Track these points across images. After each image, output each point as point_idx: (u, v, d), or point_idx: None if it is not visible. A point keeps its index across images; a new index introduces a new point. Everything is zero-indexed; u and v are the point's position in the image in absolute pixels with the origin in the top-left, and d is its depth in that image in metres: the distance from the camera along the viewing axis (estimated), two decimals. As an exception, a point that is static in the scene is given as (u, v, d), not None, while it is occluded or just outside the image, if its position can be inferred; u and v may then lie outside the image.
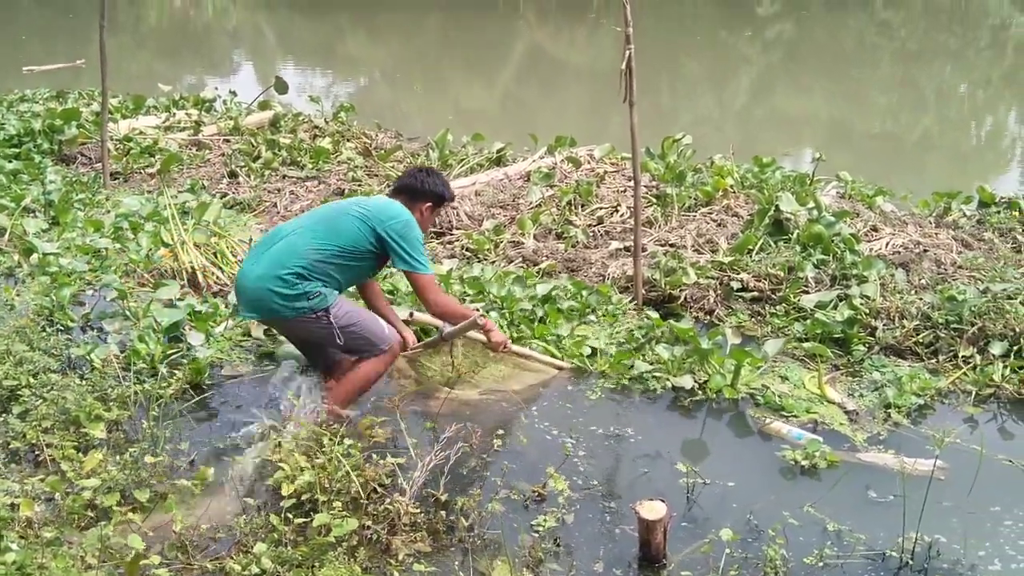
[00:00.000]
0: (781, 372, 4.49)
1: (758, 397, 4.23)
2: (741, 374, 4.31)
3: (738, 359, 4.31)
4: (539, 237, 6.38)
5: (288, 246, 3.91)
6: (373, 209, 4.00)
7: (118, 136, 8.61)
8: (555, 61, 19.10)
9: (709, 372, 4.40)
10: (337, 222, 3.97)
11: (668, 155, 7.68)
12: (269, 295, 3.86)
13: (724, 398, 4.23)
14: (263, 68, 17.34)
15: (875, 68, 17.04)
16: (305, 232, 3.95)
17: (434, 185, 4.17)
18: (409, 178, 4.22)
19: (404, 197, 4.15)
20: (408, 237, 3.96)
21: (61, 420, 3.71)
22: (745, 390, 4.29)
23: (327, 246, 3.90)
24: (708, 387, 4.28)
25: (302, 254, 3.87)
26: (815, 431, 3.96)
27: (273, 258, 3.89)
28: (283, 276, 3.84)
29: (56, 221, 6.38)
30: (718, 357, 4.42)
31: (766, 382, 4.36)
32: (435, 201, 4.20)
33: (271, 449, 3.55)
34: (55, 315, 4.78)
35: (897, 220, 6.48)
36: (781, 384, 4.37)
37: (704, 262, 5.63)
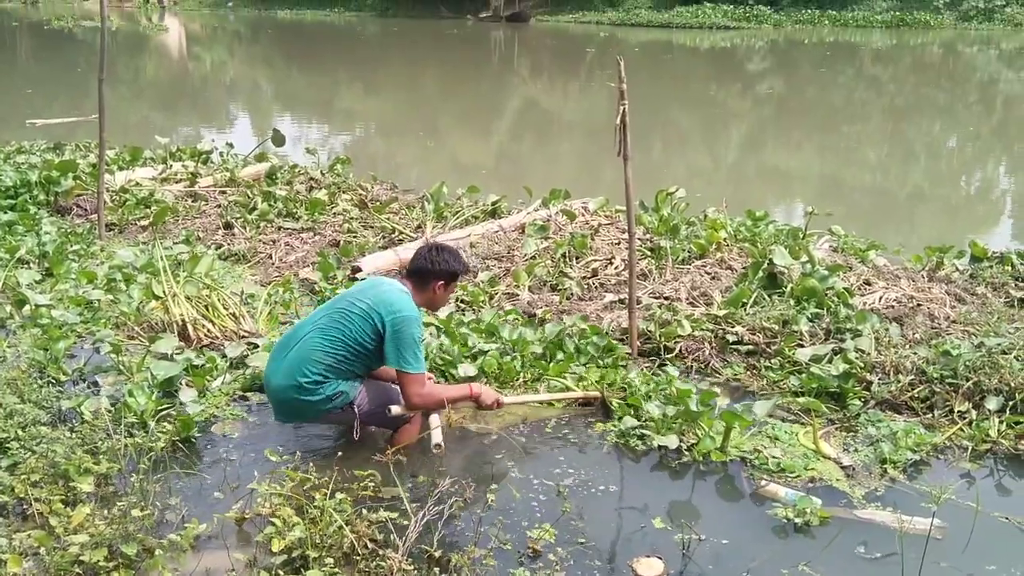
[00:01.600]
0: (771, 433, 4.39)
1: (751, 460, 4.13)
2: (731, 436, 4.22)
3: (728, 421, 4.20)
4: (534, 289, 6.39)
5: (301, 354, 4.00)
6: (376, 302, 4.02)
7: (114, 187, 8.65)
8: (549, 114, 19.32)
9: (699, 434, 4.31)
10: (344, 322, 4.01)
11: (662, 208, 7.74)
12: (294, 401, 4.02)
13: (712, 461, 4.13)
14: (260, 121, 17.51)
15: (865, 123, 17.28)
16: (315, 336, 4.03)
17: (444, 263, 4.19)
18: (419, 259, 4.22)
19: (416, 279, 4.20)
20: (402, 334, 3.95)
21: (50, 473, 3.66)
22: (735, 452, 4.19)
23: (337, 349, 3.99)
24: (696, 449, 4.18)
25: (316, 360, 3.97)
26: (811, 490, 3.91)
27: (291, 365, 4.00)
28: (303, 384, 3.97)
29: (50, 272, 6.38)
30: (708, 419, 4.35)
31: (758, 444, 4.26)
32: (447, 278, 4.22)
33: (261, 503, 3.51)
34: (47, 368, 4.74)
35: (890, 274, 6.51)
36: (772, 446, 4.27)
37: (699, 315, 5.64)
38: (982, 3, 34.47)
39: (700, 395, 4.41)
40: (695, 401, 4.36)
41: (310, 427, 4.43)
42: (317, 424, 4.37)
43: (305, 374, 3.97)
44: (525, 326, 5.43)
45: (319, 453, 4.19)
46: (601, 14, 39.12)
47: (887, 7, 36.30)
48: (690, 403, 4.34)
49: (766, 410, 4.43)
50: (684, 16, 37.30)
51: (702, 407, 4.34)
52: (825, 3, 37.06)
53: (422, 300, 4.21)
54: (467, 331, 5.26)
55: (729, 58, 28.60)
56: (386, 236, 7.59)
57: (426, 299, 4.24)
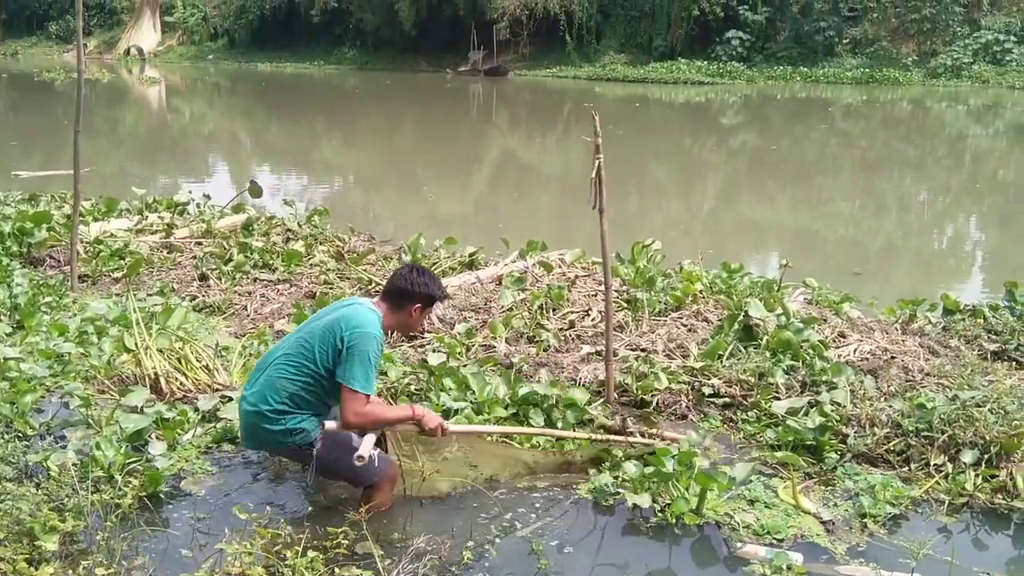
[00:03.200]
0: (750, 495, 4.28)
1: (727, 524, 4.02)
2: (707, 498, 4.11)
3: (702, 484, 4.07)
4: (511, 341, 6.37)
5: (269, 379, 3.91)
6: (338, 317, 3.92)
7: (89, 239, 8.60)
8: (526, 167, 19.48)
9: (673, 494, 4.17)
10: (307, 346, 3.91)
11: (638, 260, 7.77)
12: (256, 427, 3.92)
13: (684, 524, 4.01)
14: (238, 172, 17.52)
15: (837, 176, 17.54)
16: (281, 363, 3.93)
17: (423, 285, 4.05)
18: (398, 279, 4.08)
19: (392, 299, 4.06)
20: (356, 349, 3.81)
21: (15, 531, 3.57)
22: (712, 515, 4.07)
23: (303, 376, 3.88)
24: (669, 511, 4.06)
25: (281, 387, 3.87)
26: (792, 546, 3.87)
27: (260, 389, 3.91)
28: (266, 413, 3.87)
29: (21, 325, 6.29)
30: (683, 479, 4.20)
31: (736, 507, 4.16)
32: (424, 302, 4.08)
33: (231, 562, 3.43)
34: (14, 422, 4.65)
35: (864, 327, 6.55)
36: (751, 509, 4.17)
37: (675, 367, 5.64)
38: (950, 61, 35.30)
39: (679, 455, 4.25)
40: (671, 461, 4.23)
41: (281, 483, 4.36)
42: (281, 459, 4.29)
43: (268, 402, 3.85)
44: (502, 376, 5.36)
45: (290, 510, 4.12)
46: (578, 69, 39.69)
47: (856, 64, 37.05)
48: (665, 463, 4.22)
49: (746, 473, 4.30)
50: (659, 71, 37.89)
51: (679, 467, 4.22)
52: (796, 60, 37.82)
53: (395, 322, 4.08)
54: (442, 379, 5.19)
55: (704, 112, 29.05)
56: (363, 288, 7.56)
57: (400, 321, 4.10)
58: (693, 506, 4.08)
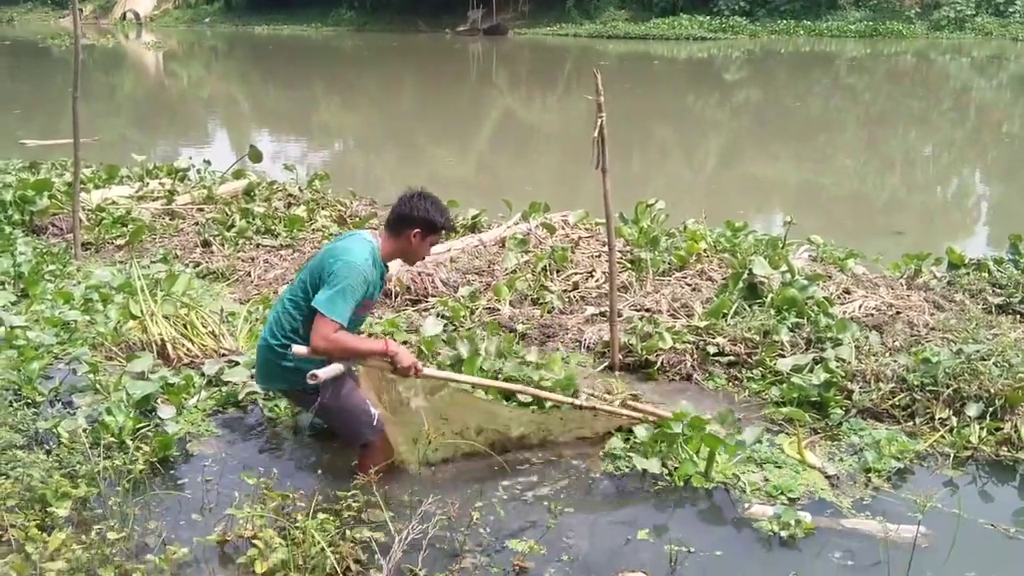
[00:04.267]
0: (758, 457, 4.26)
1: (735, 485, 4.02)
2: (716, 461, 4.10)
3: (710, 446, 4.09)
4: (515, 303, 6.37)
5: (275, 316, 3.94)
6: (329, 248, 3.92)
7: (90, 206, 8.57)
8: (528, 127, 19.35)
9: (681, 458, 4.18)
10: (307, 280, 3.89)
11: (641, 220, 7.75)
12: (267, 360, 3.95)
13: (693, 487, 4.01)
14: (237, 137, 17.43)
15: (841, 131, 17.41)
16: (286, 300, 3.95)
17: (423, 210, 3.90)
18: (399, 203, 3.95)
19: (392, 224, 3.97)
20: (336, 276, 3.72)
21: (26, 498, 3.60)
22: (720, 478, 4.06)
23: (302, 313, 3.86)
24: (678, 473, 4.06)
25: (284, 324, 3.88)
26: (798, 503, 3.89)
27: (268, 324, 3.97)
28: (274, 347, 3.89)
29: (25, 293, 6.30)
30: (692, 443, 4.22)
31: (743, 469, 4.14)
32: (424, 227, 3.91)
33: (242, 525, 3.46)
34: (23, 390, 4.68)
35: (869, 282, 6.54)
36: (756, 471, 4.16)
37: (680, 327, 5.64)
38: (953, 13, 34.92)
39: (691, 420, 4.24)
40: (680, 425, 4.23)
41: (287, 446, 4.39)
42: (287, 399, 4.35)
43: (275, 335, 3.88)
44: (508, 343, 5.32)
45: (298, 474, 4.15)
46: (579, 26, 39.29)
47: (860, 17, 36.69)
48: (670, 425, 4.23)
49: (755, 436, 4.31)
50: (661, 27, 37.53)
51: (689, 431, 4.21)
52: (800, 13, 37.41)
53: (395, 249, 3.97)
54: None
55: (707, 68, 28.79)
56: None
57: (399, 249, 3.97)
58: (702, 469, 4.08)
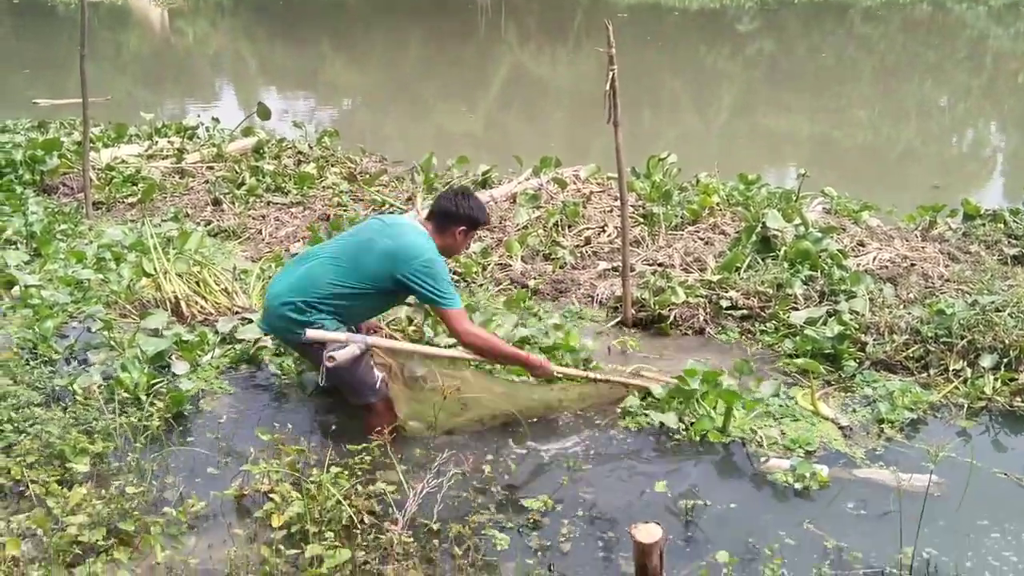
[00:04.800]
0: (775, 412, 4.25)
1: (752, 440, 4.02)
2: (733, 416, 4.11)
3: (727, 401, 4.09)
4: (527, 259, 6.36)
5: (310, 274, 3.97)
6: (398, 246, 3.96)
7: (100, 165, 8.55)
8: (538, 82, 19.16)
9: (698, 413, 4.21)
10: (361, 259, 3.96)
11: (653, 174, 7.69)
12: (283, 317, 3.96)
13: (709, 441, 4.01)
14: (245, 94, 17.31)
15: (855, 83, 17.18)
16: (328, 263, 3.99)
17: (468, 209, 4.14)
18: (445, 201, 4.18)
19: (438, 220, 4.15)
20: (431, 274, 3.92)
21: (45, 454, 3.64)
22: (737, 432, 4.06)
23: (347, 283, 3.93)
24: (694, 429, 4.06)
25: (321, 286, 3.92)
26: (813, 455, 3.89)
27: (295, 282, 3.98)
28: (297, 303, 3.92)
29: (38, 253, 6.31)
30: (709, 398, 4.22)
31: (760, 423, 4.14)
32: (468, 224, 4.17)
33: (259, 479, 3.49)
34: (38, 348, 4.71)
35: (883, 234, 6.49)
36: (773, 425, 4.15)
37: (692, 281, 5.62)
38: (970, -41, 34.29)
39: (705, 374, 4.24)
40: (696, 379, 4.22)
41: (299, 403, 4.41)
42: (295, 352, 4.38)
43: (303, 295, 3.92)
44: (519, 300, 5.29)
45: (311, 430, 4.17)
46: (588, -22, 38.72)
47: (875, -35, 36.07)
48: (687, 381, 4.22)
49: (772, 390, 4.31)
50: (672, -22, 36.96)
51: (706, 386, 4.21)
52: (813, -38, 36.79)
53: (439, 244, 4.12)
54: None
55: (719, 19, 28.36)
56: (376, 209, 7.53)
57: (445, 244, 4.15)
58: (719, 424, 4.07)
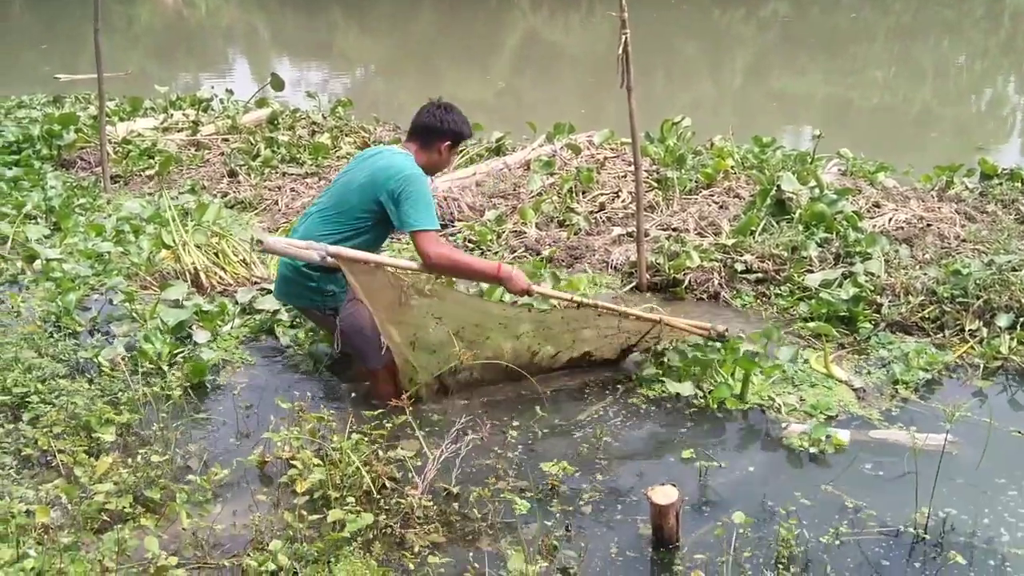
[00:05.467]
0: (794, 378, 4.23)
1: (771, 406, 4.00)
2: (751, 383, 4.07)
3: (745, 368, 4.03)
4: (541, 226, 6.38)
5: (306, 234, 3.92)
6: (375, 170, 3.90)
7: (116, 139, 8.61)
8: (550, 48, 19.04)
9: (716, 380, 4.15)
10: (346, 199, 3.93)
11: (667, 138, 7.67)
12: (292, 279, 4.01)
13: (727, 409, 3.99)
14: (258, 65, 17.31)
15: (871, 44, 16.98)
16: (318, 218, 3.98)
17: (452, 123, 3.98)
18: (427, 116, 3.99)
19: (421, 137, 4.00)
20: (408, 192, 3.78)
21: (71, 425, 3.71)
22: (756, 399, 4.03)
23: (339, 231, 3.89)
24: (712, 396, 4.03)
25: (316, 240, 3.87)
26: (836, 423, 3.88)
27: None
28: (301, 267, 3.93)
29: (58, 227, 6.39)
30: (726, 365, 4.17)
31: (778, 390, 4.12)
32: (453, 139, 4.01)
33: (281, 447, 3.55)
34: (62, 320, 4.78)
35: (899, 195, 6.46)
36: (792, 391, 4.13)
37: (707, 245, 5.62)
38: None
39: (725, 345, 4.19)
40: (713, 347, 4.20)
41: (318, 372, 4.46)
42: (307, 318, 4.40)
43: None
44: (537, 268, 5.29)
45: (329, 398, 4.22)
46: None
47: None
48: (704, 350, 4.19)
49: (790, 356, 4.27)
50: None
51: (725, 353, 4.17)
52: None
53: (425, 161, 3.99)
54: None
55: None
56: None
57: (429, 160, 4.01)
58: (737, 391, 4.04)
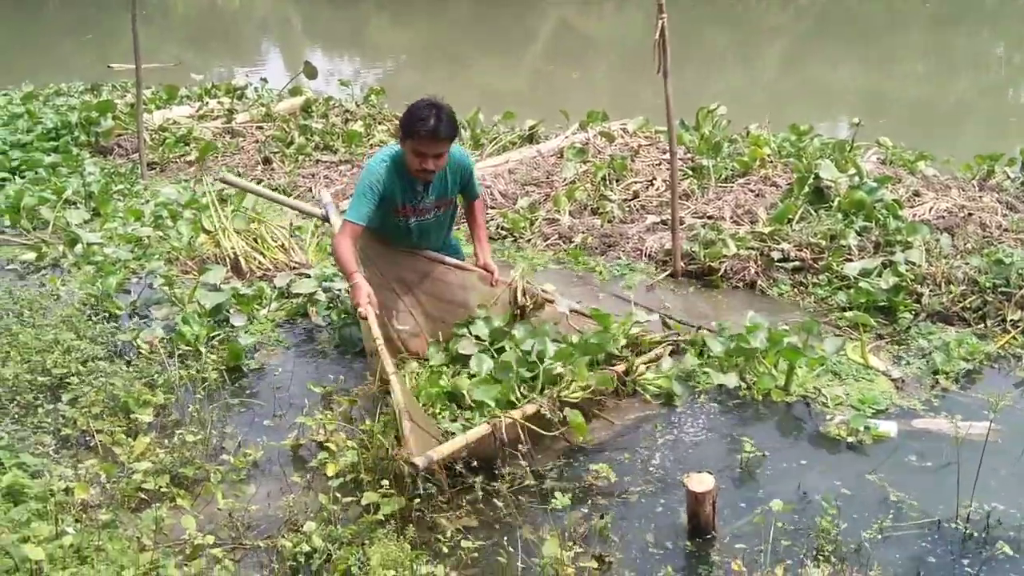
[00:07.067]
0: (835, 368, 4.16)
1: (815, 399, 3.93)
2: (796, 375, 3.99)
3: (790, 359, 3.95)
4: (574, 214, 6.35)
5: None
6: None
7: (153, 126, 8.68)
8: (583, 36, 18.95)
9: (759, 372, 4.07)
10: None
11: (703, 126, 7.60)
12: None
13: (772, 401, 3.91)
14: (291, 55, 17.38)
15: (908, 34, 16.73)
16: None
17: (405, 116, 3.83)
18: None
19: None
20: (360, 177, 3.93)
21: (110, 406, 3.76)
22: (800, 392, 3.96)
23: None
24: (756, 388, 3.95)
25: None
26: (883, 416, 3.82)
27: None
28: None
29: (97, 212, 6.46)
30: (770, 356, 4.07)
31: (821, 382, 4.04)
32: (403, 133, 3.83)
33: (315, 430, 3.57)
34: (102, 303, 4.83)
35: (940, 184, 6.36)
36: (836, 384, 4.05)
37: (743, 233, 5.56)
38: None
39: (769, 332, 4.09)
40: (759, 338, 4.07)
41: (349, 355, 4.47)
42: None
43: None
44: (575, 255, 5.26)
45: (359, 381, 4.21)
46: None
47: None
48: (749, 339, 4.07)
49: (837, 347, 4.15)
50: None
51: (769, 344, 4.06)
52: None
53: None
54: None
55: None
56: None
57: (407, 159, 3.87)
58: (781, 383, 3.97)
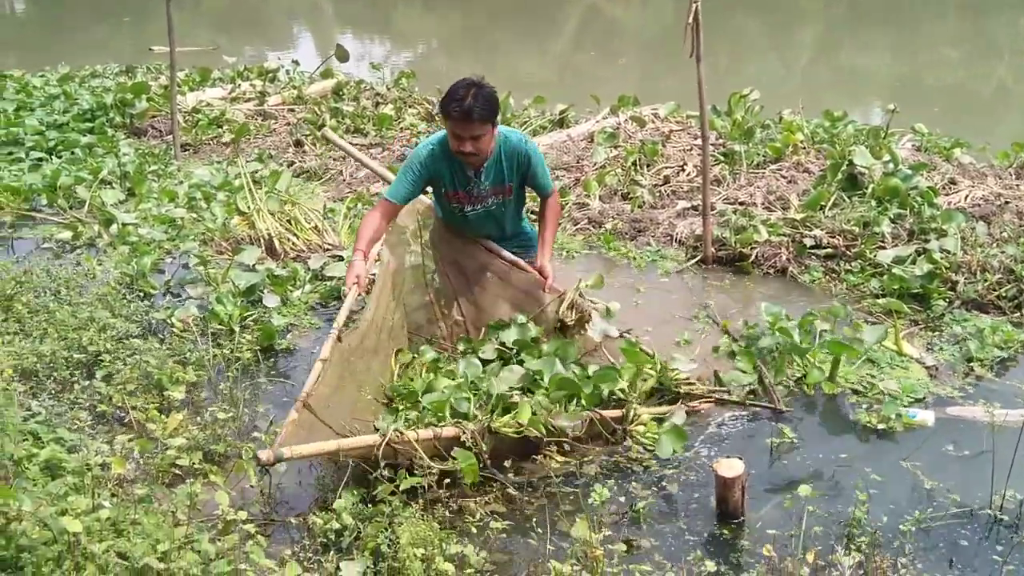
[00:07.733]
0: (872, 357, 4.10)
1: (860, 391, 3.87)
2: (840, 366, 3.93)
3: (834, 352, 3.88)
4: (604, 198, 6.33)
5: None
6: None
7: (186, 108, 8.75)
8: (612, 21, 18.82)
9: (805, 367, 3.98)
10: None
11: (735, 112, 7.53)
12: None
13: (823, 393, 3.86)
14: (322, 39, 17.40)
15: (943, 20, 16.47)
16: None
17: (443, 97, 3.79)
18: None
19: None
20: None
21: (144, 383, 3.81)
22: (843, 383, 3.90)
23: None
24: (806, 382, 3.90)
25: None
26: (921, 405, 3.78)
27: None
28: None
29: (132, 192, 6.54)
30: (814, 351, 3.98)
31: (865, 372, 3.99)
32: (441, 114, 3.82)
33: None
34: (136, 283, 4.89)
35: (976, 172, 6.28)
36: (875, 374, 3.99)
37: (775, 219, 5.52)
38: None
39: (799, 321, 4.04)
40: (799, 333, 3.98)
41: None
42: None
43: None
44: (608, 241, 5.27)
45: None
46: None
47: None
48: (793, 335, 3.96)
49: (877, 336, 4.04)
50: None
51: (803, 335, 3.98)
52: None
53: None
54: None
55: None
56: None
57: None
58: (827, 375, 3.90)
